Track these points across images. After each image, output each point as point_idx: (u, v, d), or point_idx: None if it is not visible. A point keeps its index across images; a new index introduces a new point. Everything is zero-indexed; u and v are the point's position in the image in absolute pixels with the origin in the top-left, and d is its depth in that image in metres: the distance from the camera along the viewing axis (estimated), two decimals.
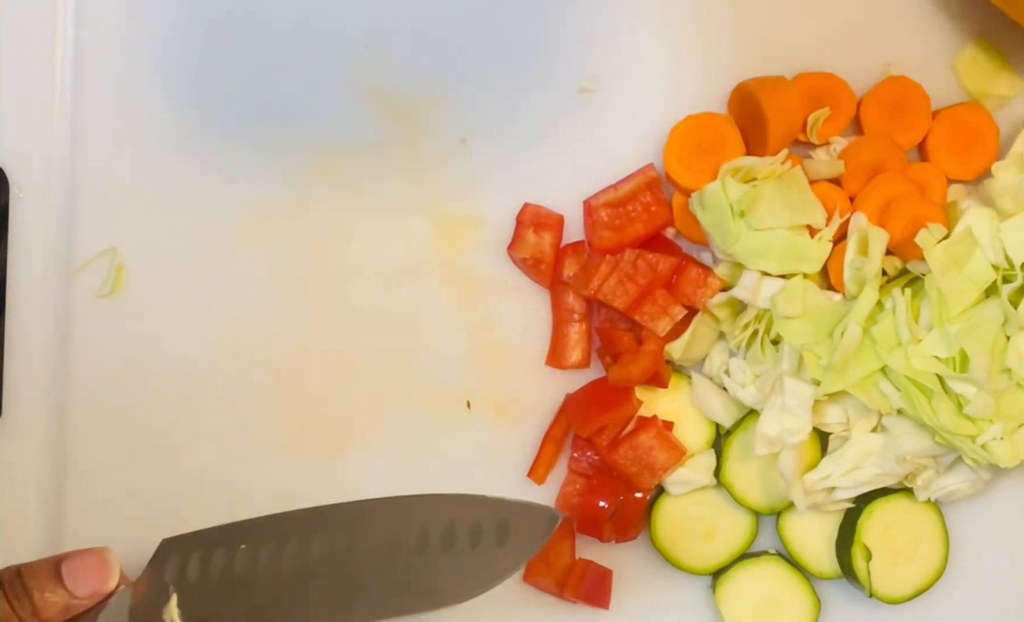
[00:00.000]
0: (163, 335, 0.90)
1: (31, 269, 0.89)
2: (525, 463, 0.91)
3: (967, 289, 0.84)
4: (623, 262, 0.87)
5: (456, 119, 0.91)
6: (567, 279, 0.90)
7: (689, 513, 0.90)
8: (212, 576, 0.79)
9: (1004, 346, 0.84)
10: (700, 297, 0.87)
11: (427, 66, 0.91)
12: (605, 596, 0.90)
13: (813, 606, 0.90)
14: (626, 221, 0.89)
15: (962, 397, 0.84)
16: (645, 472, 0.87)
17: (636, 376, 0.86)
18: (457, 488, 0.90)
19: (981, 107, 0.90)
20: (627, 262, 0.87)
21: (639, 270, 0.87)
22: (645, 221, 0.89)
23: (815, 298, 0.86)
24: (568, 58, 0.91)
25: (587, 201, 0.90)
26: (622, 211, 0.89)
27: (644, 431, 0.88)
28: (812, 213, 0.86)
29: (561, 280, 0.90)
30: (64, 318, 0.89)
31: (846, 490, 0.88)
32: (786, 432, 0.85)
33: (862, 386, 0.85)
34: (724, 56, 0.91)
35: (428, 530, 0.80)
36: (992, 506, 0.91)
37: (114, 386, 0.90)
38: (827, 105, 0.89)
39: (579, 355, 0.90)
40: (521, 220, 0.90)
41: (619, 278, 0.87)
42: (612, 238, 0.89)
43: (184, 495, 0.89)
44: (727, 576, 0.90)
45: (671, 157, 0.89)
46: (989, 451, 0.84)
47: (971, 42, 0.91)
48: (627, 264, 0.87)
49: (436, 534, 0.80)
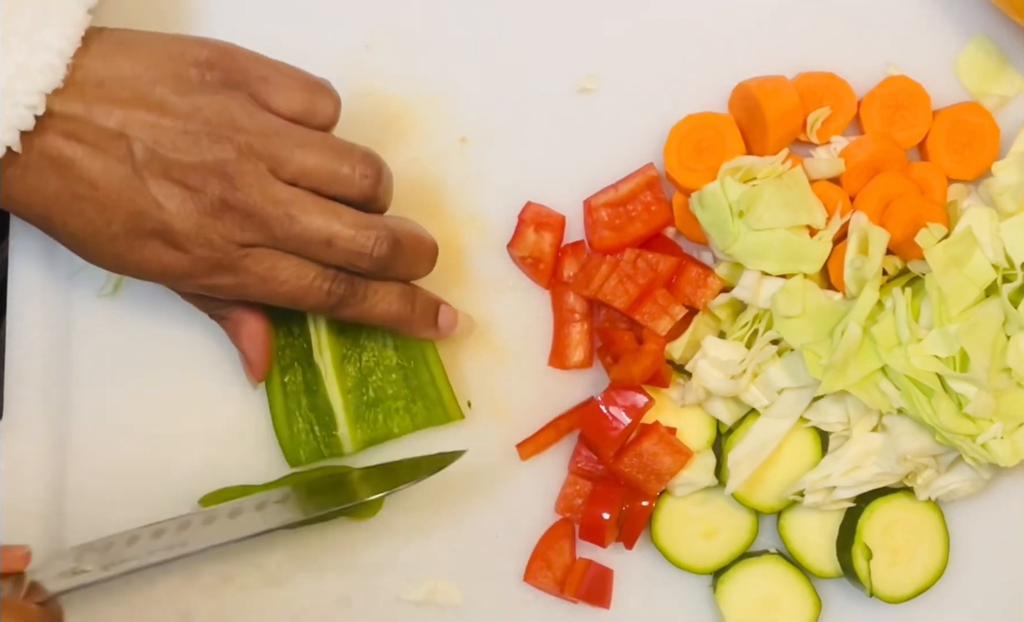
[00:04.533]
0: (163, 335, 0.90)
1: (31, 269, 0.89)
2: (525, 463, 0.90)
3: (967, 288, 0.84)
4: (623, 262, 0.87)
5: (456, 119, 0.91)
6: (567, 279, 0.90)
7: (689, 513, 0.90)
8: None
9: (1004, 345, 0.84)
10: (700, 297, 0.87)
11: (427, 66, 0.91)
12: (606, 596, 0.90)
13: (814, 605, 0.90)
14: (626, 221, 0.89)
15: (962, 396, 0.84)
16: (652, 479, 0.87)
17: (638, 375, 0.86)
18: (457, 483, 0.90)
19: (981, 107, 0.90)
20: (627, 262, 0.87)
21: (639, 270, 0.87)
22: (645, 221, 0.89)
23: (815, 298, 0.86)
24: (568, 58, 0.91)
25: (587, 201, 0.90)
26: (622, 211, 0.89)
27: (647, 438, 0.87)
28: (812, 213, 0.86)
29: (561, 280, 0.90)
30: (64, 318, 0.89)
31: (846, 489, 0.88)
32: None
33: (862, 385, 0.85)
34: (724, 56, 0.91)
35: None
36: (993, 505, 0.91)
37: (114, 386, 0.90)
38: (827, 105, 0.89)
39: (581, 355, 0.90)
40: (523, 218, 0.90)
41: (619, 278, 0.87)
42: (612, 238, 0.89)
43: (185, 494, 0.89)
44: (728, 576, 0.90)
45: (671, 157, 0.89)
46: (989, 450, 0.84)
47: (972, 42, 0.91)
48: (627, 264, 0.87)
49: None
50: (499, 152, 0.91)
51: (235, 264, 0.78)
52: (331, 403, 0.87)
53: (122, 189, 0.75)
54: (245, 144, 0.77)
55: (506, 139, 0.91)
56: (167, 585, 0.89)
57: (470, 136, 0.91)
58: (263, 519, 0.83)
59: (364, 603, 0.90)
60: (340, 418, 0.88)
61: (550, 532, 0.90)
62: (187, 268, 0.78)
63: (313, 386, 0.88)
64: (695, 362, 0.87)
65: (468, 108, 0.91)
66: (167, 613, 0.89)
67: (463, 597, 0.90)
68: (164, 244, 0.77)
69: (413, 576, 0.90)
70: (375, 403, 0.88)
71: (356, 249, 0.79)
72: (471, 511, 0.90)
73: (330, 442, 0.88)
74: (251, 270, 0.78)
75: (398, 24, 0.91)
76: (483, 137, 0.91)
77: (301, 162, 0.78)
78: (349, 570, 0.90)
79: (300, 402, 0.88)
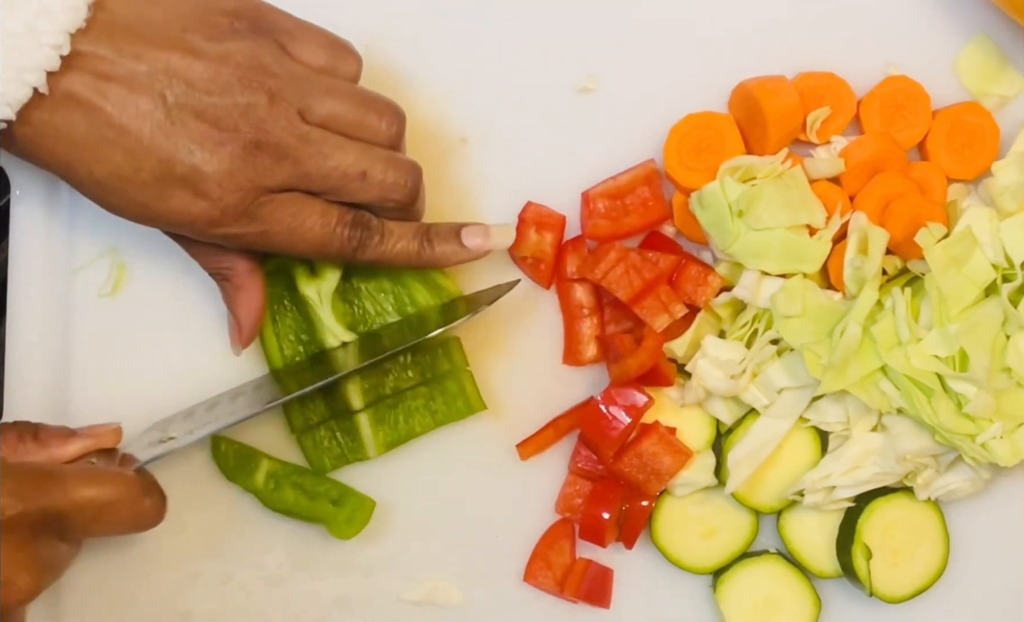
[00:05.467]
0: (163, 335, 0.90)
1: (32, 269, 0.89)
2: (525, 463, 0.90)
3: (967, 288, 0.84)
4: (631, 254, 0.87)
5: (456, 119, 0.91)
6: (571, 274, 0.90)
7: (689, 513, 0.90)
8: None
9: (1004, 345, 0.84)
10: (701, 295, 0.87)
11: (427, 66, 0.91)
12: (606, 596, 0.90)
13: (813, 605, 0.90)
14: (622, 212, 0.89)
15: (962, 396, 0.84)
16: (652, 479, 0.87)
17: (634, 369, 0.86)
18: (457, 482, 0.90)
19: (981, 107, 0.90)
20: (634, 255, 0.87)
21: (646, 263, 0.87)
22: (641, 215, 0.89)
23: (815, 297, 0.86)
24: (568, 58, 0.91)
25: (585, 192, 0.90)
26: (619, 203, 0.89)
27: (647, 437, 0.87)
28: (811, 212, 0.86)
29: (566, 278, 0.90)
30: (65, 318, 0.89)
31: (846, 489, 0.88)
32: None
33: (862, 385, 0.85)
34: (724, 56, 0.91)
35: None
36: (992, 505, 0.91)
37: (114, 386, 0.90)
38: (827, 104, 0.89)
39: (594, 351, 0.90)
40: (523, 218, 0.90)
41: (625, 268, 0.86)
42: (607, 227, 0.89)
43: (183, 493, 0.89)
44: (727, 575, 0.90)
45: (671, 156, 0.89)
46: (989, 450, 0.84)
47: (971, 41, 0.91)
48: (635, 257, 0.87)
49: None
50: (499, 152, 0.91)
51: (262, 210, 0.78)
52: (351, 408, 0.88)
53: (153, 133, 0.75)
54: (276, 88, 0.77)
55: (506, 139, 0.91)
56: (166, 585, 0.89)
57: (470, 136, 0.91)
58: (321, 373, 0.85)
59: (364, 603, 0.90)
60: (362, 422, 0.88)
61: (550, 532, 0.90)
62: (214, 216, 0.77)
63: (329, 392, 0.88)
64: (695, 361, 0.87)
65: (468, 108, 0.91)
66: (167, 613, 0.89)
67: (463, 597, 0.90)
68: (192, 193, 0.76)
69: (413, 576, 0.90)
70: (394, 404, 0.88)
71: (390, 181, 0.80)
72: (471, 511, 0.90)
73: (353, 447, 0.88)
74: (277, 217, 0.79)
75: (398, 24, 0.91)
76: (483, 137, 0.91)
77: (330, 108, 0.79)
78: (349, 570, 0.90)
79: (318, 409, 0.88)
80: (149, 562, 0.89)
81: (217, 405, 0.86)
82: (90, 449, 0.79)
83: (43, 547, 0.71)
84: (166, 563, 0.89)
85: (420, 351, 0.88)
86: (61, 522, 0.72)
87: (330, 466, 0.88)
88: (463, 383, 0.88)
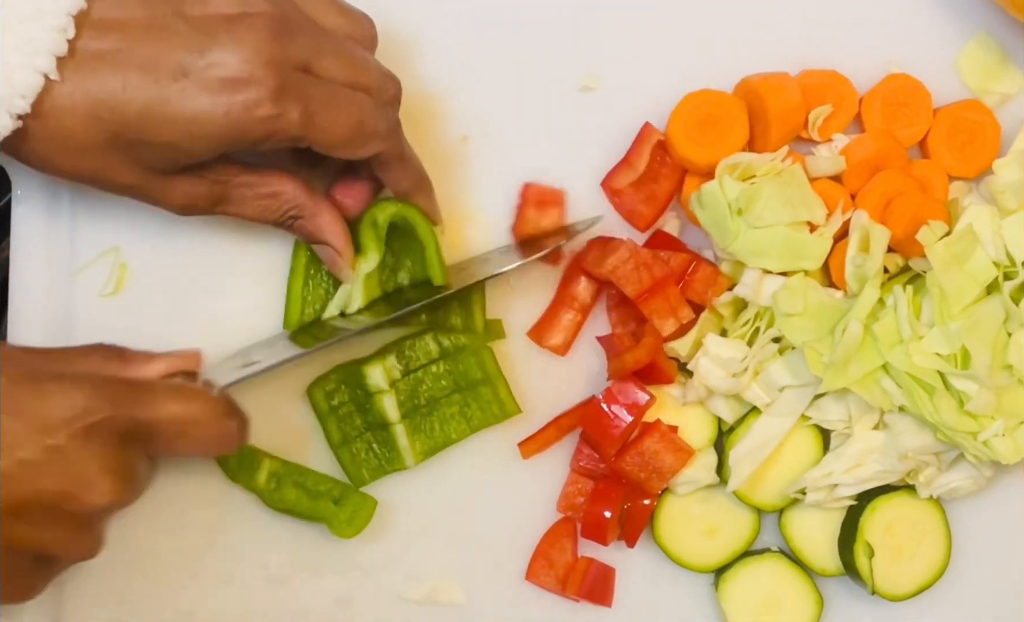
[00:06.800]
0: (164, 335, 0.90)
1: (32, 269, 0.89)
2: (527, 461, 0.90)
3: (968, 286, 0.84)
4: (641, 252, 0.87)
5: (456, 118, 0.91)
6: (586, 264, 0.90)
7: (691, 511, 0.90)
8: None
9: (1005, 343, 0.84)
10: (710, 296, 0.88)
11: (428, 65, 0.91)
12: (608, 594, 0.90)
13: (815, 603, 0.90)
14: (654, 190, 0.89)
15: (963, 394, 0.84)
16: (654, 477, 0.87)
17: (630, 364, 0.85)
18: (458, 481, 0.90)
19: (982, 104, 0.91)
20: (645, 253, 0.87)
21: (657, 262, 0.87)
22: (668, 177, 0.89)
23: (816, 295, 0.86)
24: (570, 56, 0.91)
25: (606, 185, 0.90)
26: (647, 188, 0.89)
27: (649, 436, 0.87)
28: (811, 210, 0.86)
29: (580, 265, 0.90)
30: (66, 318, 0.89)
31: (848, 487, 0.88)
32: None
33: (864, 383, 0.85)
34: (727, 53, 0.91)
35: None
36: (994, 503, 0.92)
37: None
38: (829, 102, 0.89)
39: (560, 341, 0.90)
40: (524, 198, 0.90)
41: (635, 264, 0.86)
42: (649, 212, 0.89)
43: (185, 492, 0.89)
44: (729, 574, 0.90)
45: (675, 128, 0.88)
46: (991, 448, 0.84)
47: (973, 39, 0.92)
48: (645, 254, 0.87)
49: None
50: (500, 150, 0.91)
51: (299, 86, 0.77)
52: (387, 419, 0.88)
53: (172, 42, 0.75)
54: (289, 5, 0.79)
55: (507, 137, 0.91)
56: (167, 584, 0.89)
57: (471, 134, 0.91)
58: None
59: (365, 602, 0.90)
60: (398, 433, 0.88)
61: (552, 531, 0.90)
62: (254, 98, 0.75)
63: (365, 405, 0.88)
64: (696, 360, 0.87)
65: (469, 106, 0.91)
66: (169, 612, 0.89)
67: (465, 596, 0.90)
68: (231, 88, 0.75)
69: (415, 575, 0.90)
70: (429, 413, 0.89)
71: (388, 73, 0.82)
72: (473, 510, 0.90)
73: (391, 458, 0.89)
74: (312, 94, 0.78)
75: (398, 24, 0.91)
76: (484, 135, 0.91)
77: (329, 65, 0.79)
78: (350, 569, 0.90)
79: (354, 423, 0.88)
80: (151, 561, 0.89)
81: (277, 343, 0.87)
82: (174, 369, 0.80)
83: (128, 456, 0.72)
84: (168, 562, 0.89)
85: (452, 359, 0.88)
86: (147, 434, 0.73)
87: (368, 478, 0.89)
88: (497, 388, 0.88)
